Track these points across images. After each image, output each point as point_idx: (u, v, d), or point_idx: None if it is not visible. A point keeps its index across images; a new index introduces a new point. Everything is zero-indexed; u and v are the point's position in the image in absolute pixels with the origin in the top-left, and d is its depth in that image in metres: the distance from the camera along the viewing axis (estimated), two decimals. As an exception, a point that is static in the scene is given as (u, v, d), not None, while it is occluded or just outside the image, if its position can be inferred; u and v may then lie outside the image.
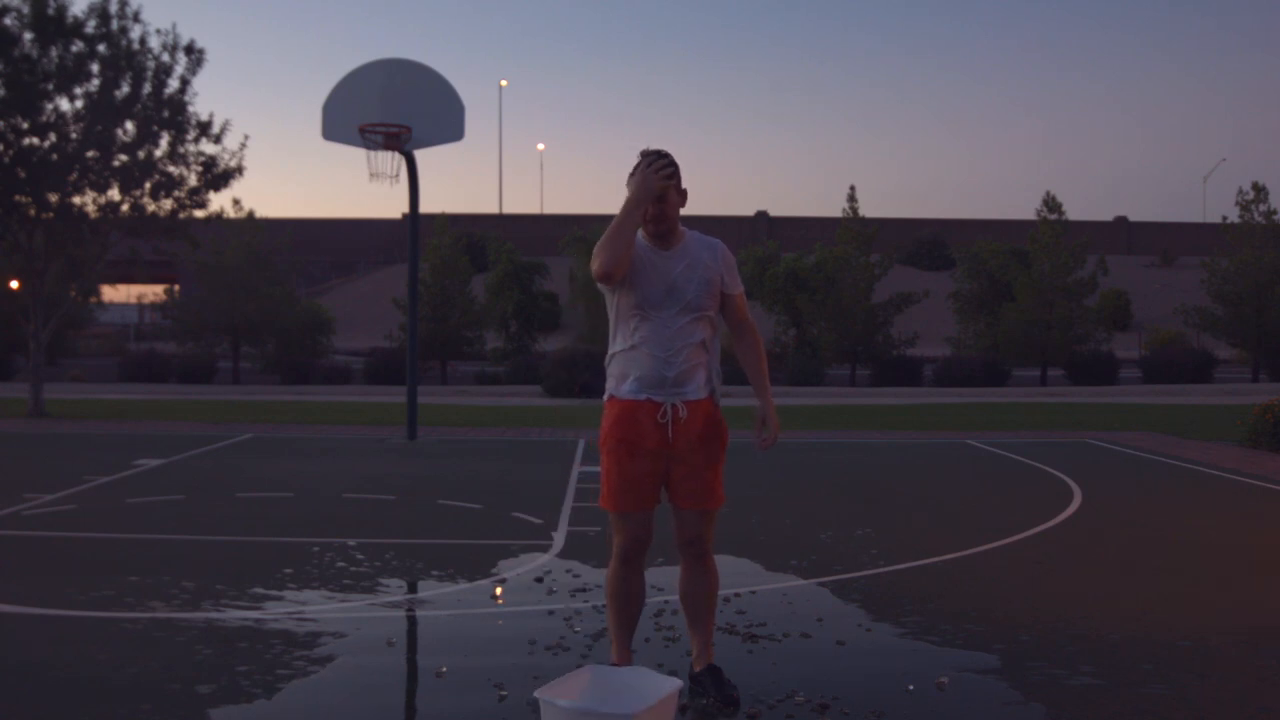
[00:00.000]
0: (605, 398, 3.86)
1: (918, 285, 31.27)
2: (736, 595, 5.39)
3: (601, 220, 32.00)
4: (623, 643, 3.93)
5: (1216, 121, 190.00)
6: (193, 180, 16.23)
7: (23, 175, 15.08)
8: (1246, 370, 29.78)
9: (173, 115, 15.81)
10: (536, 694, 3.18)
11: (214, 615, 4.99)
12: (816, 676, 4.16)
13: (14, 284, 21.31)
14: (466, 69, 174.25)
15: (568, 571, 5.98)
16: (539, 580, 5.75)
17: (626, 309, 3.76)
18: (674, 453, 3.74)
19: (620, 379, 3.79)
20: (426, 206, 17.75)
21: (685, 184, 3.83)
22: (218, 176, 16.34)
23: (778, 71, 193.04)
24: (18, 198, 15.24)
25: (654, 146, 3.84)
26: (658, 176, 3.67)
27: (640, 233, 3.82)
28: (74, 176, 15.43)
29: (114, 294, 53.62)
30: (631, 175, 3.78)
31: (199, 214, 16.61)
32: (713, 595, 3.91)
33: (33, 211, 15.47)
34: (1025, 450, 11.98)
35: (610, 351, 3.85)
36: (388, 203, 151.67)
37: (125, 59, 15.41)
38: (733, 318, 3.91)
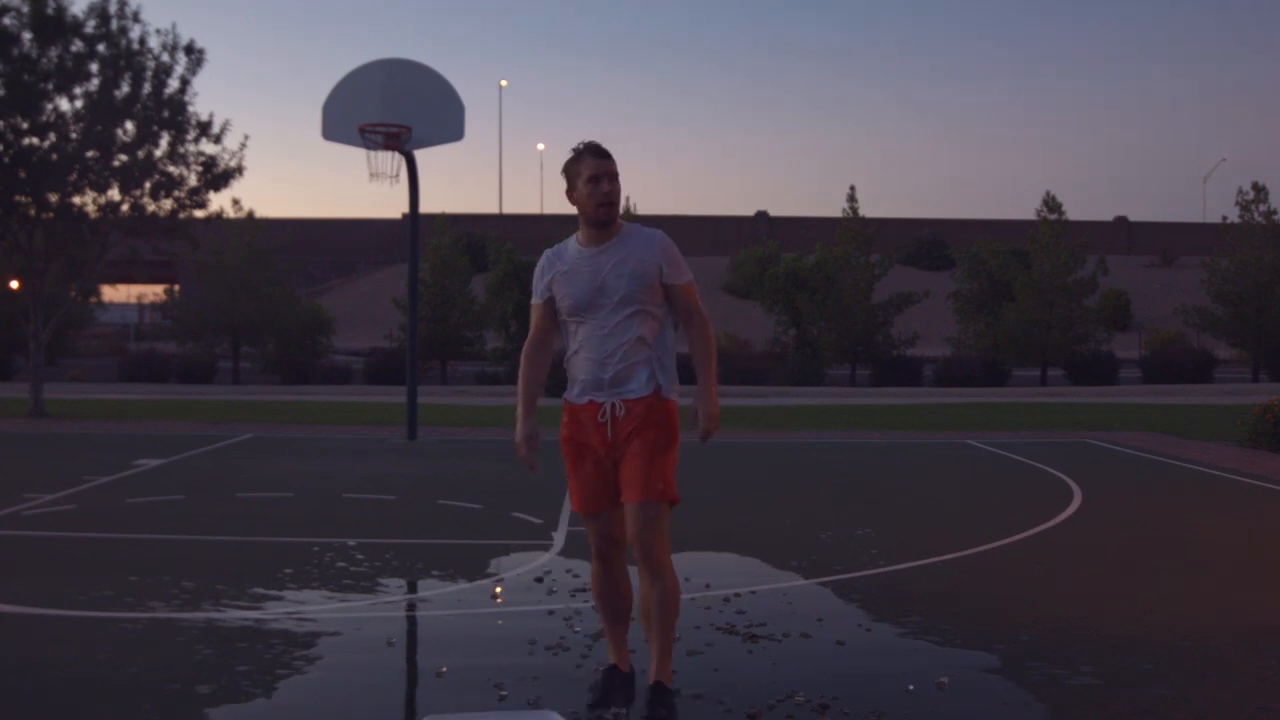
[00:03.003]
0: (563, 399, 3.88)
1: (918, 285, 31.26)
2: (736, 595, 5.39)
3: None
4: (618, 641, 3.90)
5: (1216, 121, 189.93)
6: (193, 180, 16.24)
7: (23, 175, 15.08)
8: (1246, 370, 29.77)
9: (173, 115, 15.82)
10: None
11: (214, 615, 4.99)
12: (816, 676, 4.16)
13: (14, 284, 21.33)
14: (466, 69, 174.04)
15: (568, 571, 5.98)
16: (539, 580, 5.75)
17: (565, 315, 3.77)
18: (617, 452, 3.70)
19: (571, 384, 3.82)
20: (426, 206, 17.72)
21: (684, 184, 3.87)
22: (218, 176, 16.35)
23: (778, 72, 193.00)
24: (18, 198, 15.24)
25: (598, 144, 3.74)
26: (519, 451, 3.84)
27: (574, 238, 3.80)
28: (74, 176, 15.43)
29: (114, 294, 53.58)
30: (572, 178, 3.72)
31: (199, 214, 16.62)
32: (668, 611, 3.64)
33: (33, 211, 15.47)
34: (1025, 450, 11.97)
35: (565, 357, 3.86)
36: (388, 203, 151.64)
37: (125, 59, 15.42)
38: (679, 308, 3.78)
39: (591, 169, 3.68)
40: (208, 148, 16.24)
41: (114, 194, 15.86)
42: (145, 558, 6.24)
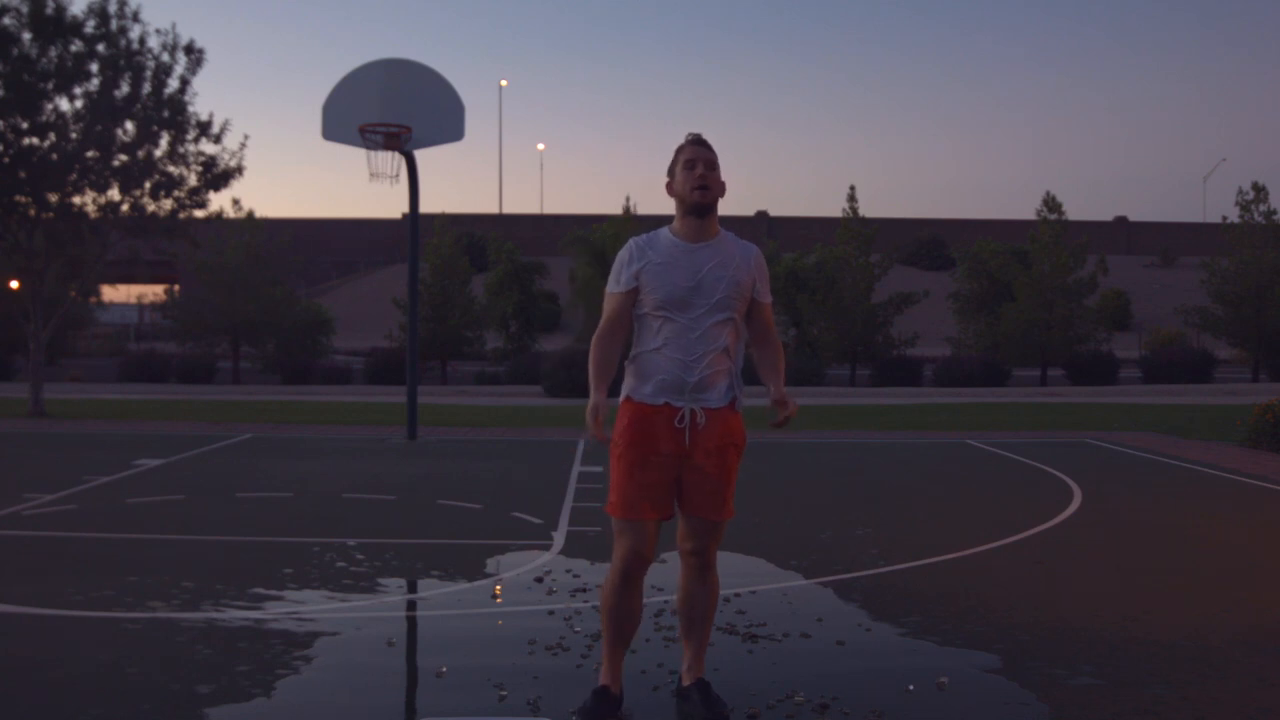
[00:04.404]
0: (621, 398, 3.74)
1: (918, 285, 31.27)
2: (736, 595, 5.39)
3: (601, 220, 31.97)
4: (615, 660, 3.76)
5: (1216, 121, 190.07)
6: (193, 180, 16.23)
7: (23, 175, 15.07)
8: (1246, 370, 29.77)
9: (172, 115, 15.81)
10: None
11: (214, 615, 4.99)
12: (816, 676, 4.16)
13: (14, 284, 21.33)
14: (466, 69, 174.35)
15: (568, 571, 5.98)
16: (539, 580, 5.75)
17: (650, 308, 3.62)
18: (689, 459, 3.61)
19: (641, 381, 3.65)
20: (426, 206, 17.76)
21: None
22: (218, 176, 16.34)
23: (777, 72, 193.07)
24: (18, 198, 15.24)
25: (700, 135, 3.75)
26: (590, 428, 3.54)
27: (669, 229, 3.71)
28: (74, 176, 15.42)
29: (114, 294, 53.63)
30: (672, 168, 3.70)
31: (199, 214, 16.62)
32: (711, 608, 3.79)
33: (33, 211, 15.47)
34: (1025, 450, 11.97)
35: (633, 351, 3.72)
36: (388, 203, 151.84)
37: (125, 59, 15.41)
38: (758, 327, 3.79)
39: (688, 154, 3.67)
40: (208, 148, 16.25)
41: (114, 194, 15.85)
42: (145, 558, 6.24)
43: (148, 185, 15.90)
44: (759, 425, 3.90)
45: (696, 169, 3.64)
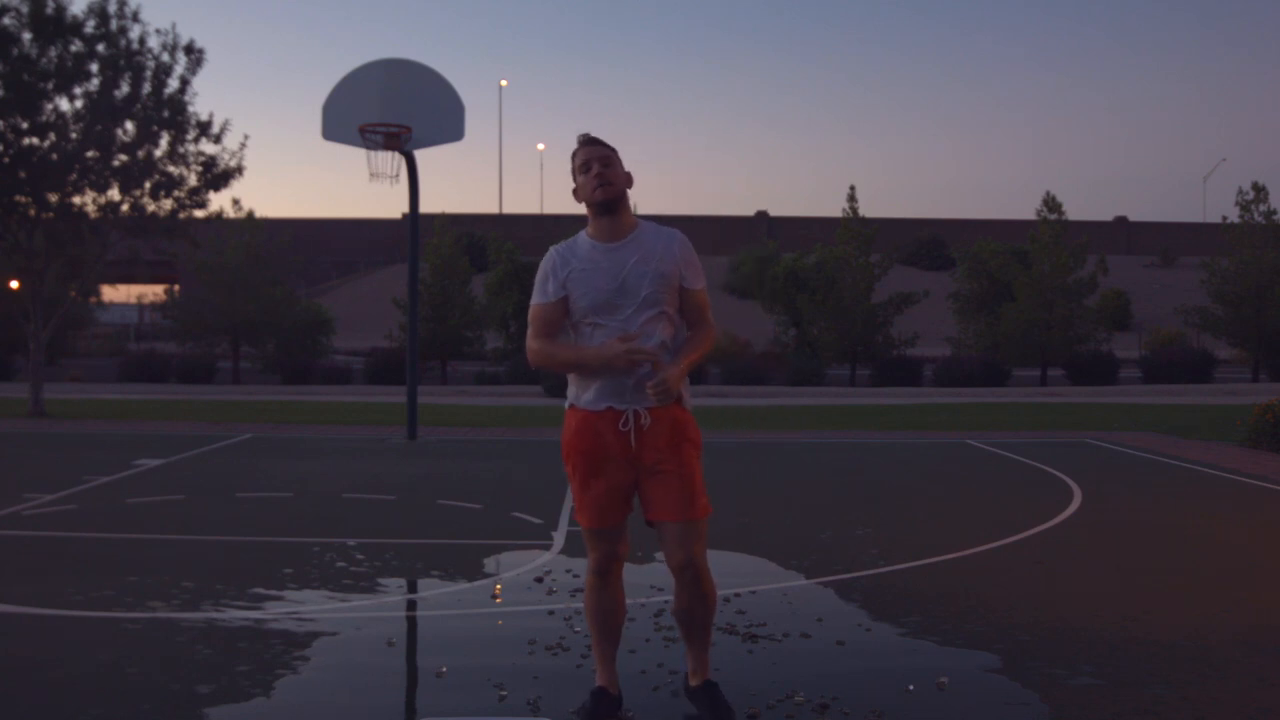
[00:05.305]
0: (566, 406, 3.69)
1: (918, 285, 31.25)
2: (736, 595, 5.39)
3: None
4: (607, 660, 3.75)
5: (1216, 121, 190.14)
6: (193, 180, 16.24)
7: (23, 175, 15.07)
8: (1246, 370, 29.76)
9: (172, 115, 15.81)
10: None
11: (214, 615, 4.99)
12: (816, 676, 4.16)
13: (14, 284, 21.34)
14: (466, 69, 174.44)
15: (568, 571, 5.97)
16: (539, 580, 5.75)
17: (579, 317, 3.54)
18: (642, 463, 3.52)
19: (582, 389, 3.57)
20: (426, 206, 17.67)
21: (685, 184, 3.80)
22: (217, 176, 16.34)
23: (777, 72, 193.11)
24: (18, 198, 15.23)
25: (591, 135, 3.63)
26: (626, 360, 3.42)
27: (584, 233, 3.63)
28: (74, 176, 15.42)
29: (114, 294, 53.61)
30: (574, 175, 3.62)
31: (199, 214, 16.62)
32: (710, 614, 3.70)
33: (33, 211, 15.47)
34: (1025, 450, 11.97)
35: None
36: (388, 203, 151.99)
37: (124, 59, 15.41)
38: (691, 314, 3.64)
39: (581, 156, 3.60)
40: (207, 148, 16.25)
41: (114, 194, 15.85)
42: (145, 558, 6.24)
43: (148, 185, 15.90)
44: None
45: (593, 169, 3.55)
